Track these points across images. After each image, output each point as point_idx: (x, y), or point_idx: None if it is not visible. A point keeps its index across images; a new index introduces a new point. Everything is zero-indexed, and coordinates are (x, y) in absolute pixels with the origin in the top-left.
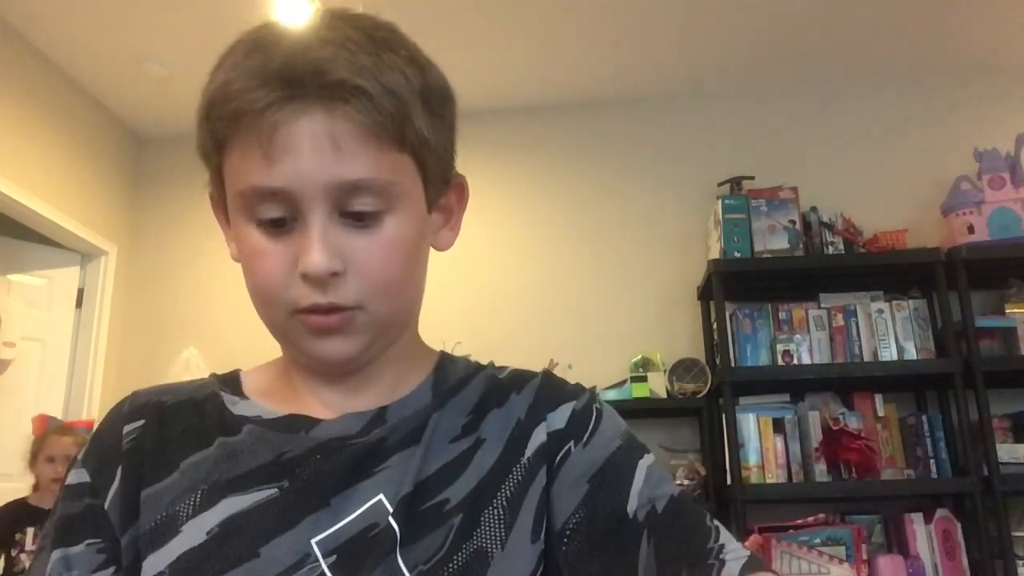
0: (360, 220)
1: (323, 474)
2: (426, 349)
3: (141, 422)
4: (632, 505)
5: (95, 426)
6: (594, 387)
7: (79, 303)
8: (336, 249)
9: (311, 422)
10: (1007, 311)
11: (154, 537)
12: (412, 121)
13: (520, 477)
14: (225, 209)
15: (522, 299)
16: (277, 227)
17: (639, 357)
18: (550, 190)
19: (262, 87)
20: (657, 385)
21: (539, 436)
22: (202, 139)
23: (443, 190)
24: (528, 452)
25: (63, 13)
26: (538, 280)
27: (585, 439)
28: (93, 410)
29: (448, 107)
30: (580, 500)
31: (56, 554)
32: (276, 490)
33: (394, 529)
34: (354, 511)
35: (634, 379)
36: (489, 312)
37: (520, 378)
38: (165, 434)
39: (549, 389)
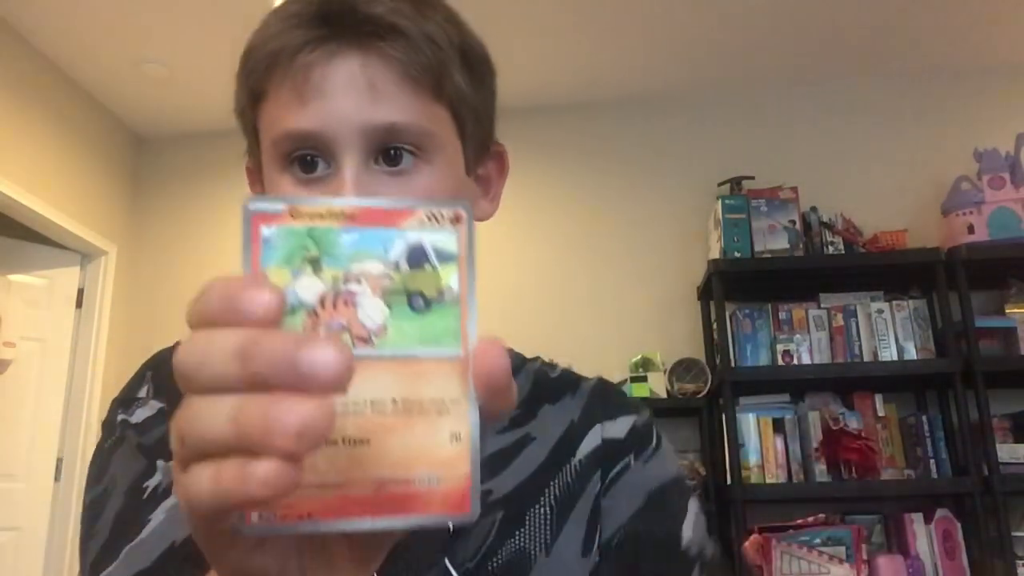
0: (395, 168)
1: None
2: None
3: None
4: (687, 534)
5: (143, 370)
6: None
7: (79, 303)
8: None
9: None
10: (1007, 311)
11: None
12: (450, 73)
13: (570, 479)
14: (262, 180)
15: (522, 299)
16: (309, 174)
17: (639, 357)
18: (549, 190)
19: (297, 28)
20: (657, 385)
21: (593, 439)
22: (239, 97)
23: (482, 157)
24: (580, 454)
25: (63, 13)
26: (537, 280)
27: (646, 457)
28: (93, 410)
29: (488, 72)
30: (635, 511)
31: (163, 465)
32: None
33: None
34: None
35: (634, 379)
36: (489, 312)
37: (574, 379)
38: None
39: (606, 395)
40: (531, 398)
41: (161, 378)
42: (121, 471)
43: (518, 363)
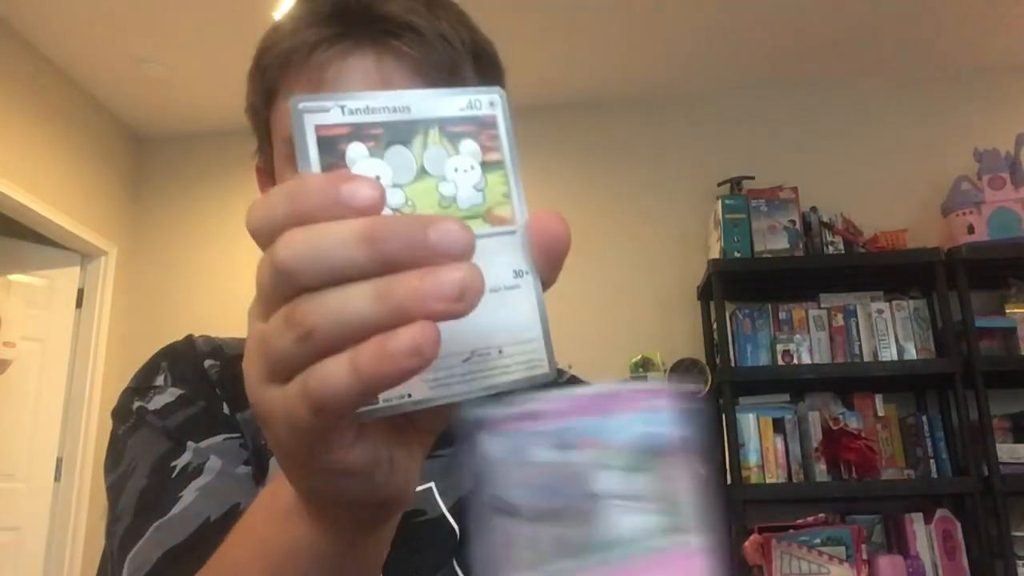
0: None
1: None
2: None
3: (217, 362)
4: None
5: (156, 360)
6: None
7: (79, 303)
8: None
9: None
10: (1007, 311)
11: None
12: (462, 72)
13: None
14: (273, 181)
15: None
16: None
17: (639, 357)
18: (549, 190)
19: (312, 26)
20: None
21: None
22: (251, 95)
23: None
24: None
25: (63, 13)
26: None
27: None
28: (93, 410)
29: (498, 72)
30: None
31: (192, 445)
32: None
33: (453, 527)
34: None
35: (634, 379)
36: None
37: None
38: (235, 380)
39: None
40: None
41: (178, 367)
42: (141, 453)
43: None
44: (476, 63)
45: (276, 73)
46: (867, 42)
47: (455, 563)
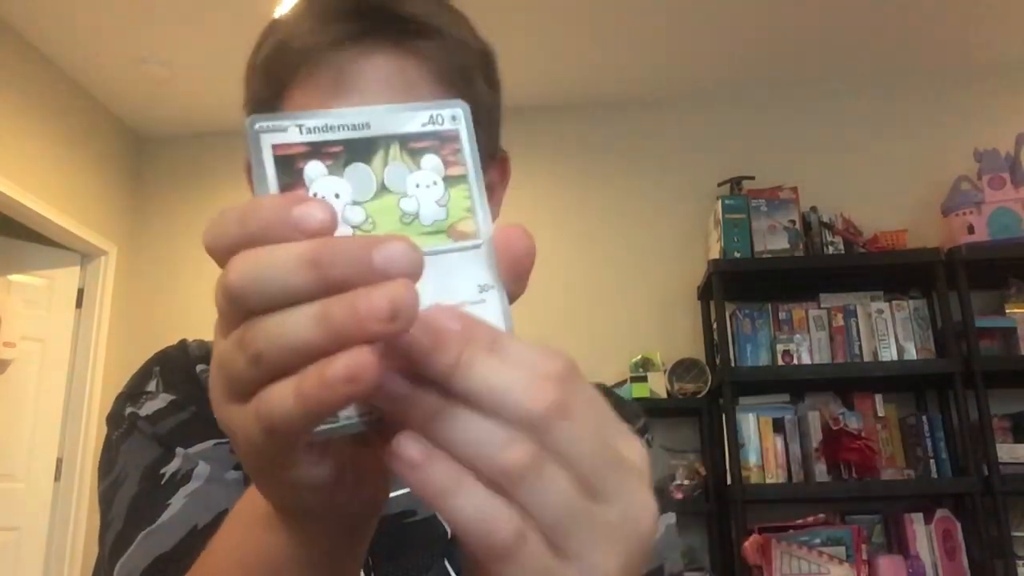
0: None
1: None
2: None
3: (209, 366)
4: None
5: (149, 366)
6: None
7: (79, 303)
8: None
9: None
10: (1007, 311)
11: None
12: (475, 80)
13: None
14: None
15: (521, 299)
16: None
17: (639, 357)
18: (550, 190)
19: (331, 23)
20: (657, 385)
21: None
22: (256, 89)
23: (489, 164)
24: None
25: (63, 13)
26: (537, 280)
27: None
28: (93, 410)
29: (499, 81)
30: None
31: (181, 451)
32: None
33: (444, 527)
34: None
35: (634, 379)
36: None
37: None
38: None
39: None
40: None
41: (170, 372)
42: (133, 460)
43: None
44: (486, 70)
45: (291, 70)
46: (867, 42)
47: (447, 563)
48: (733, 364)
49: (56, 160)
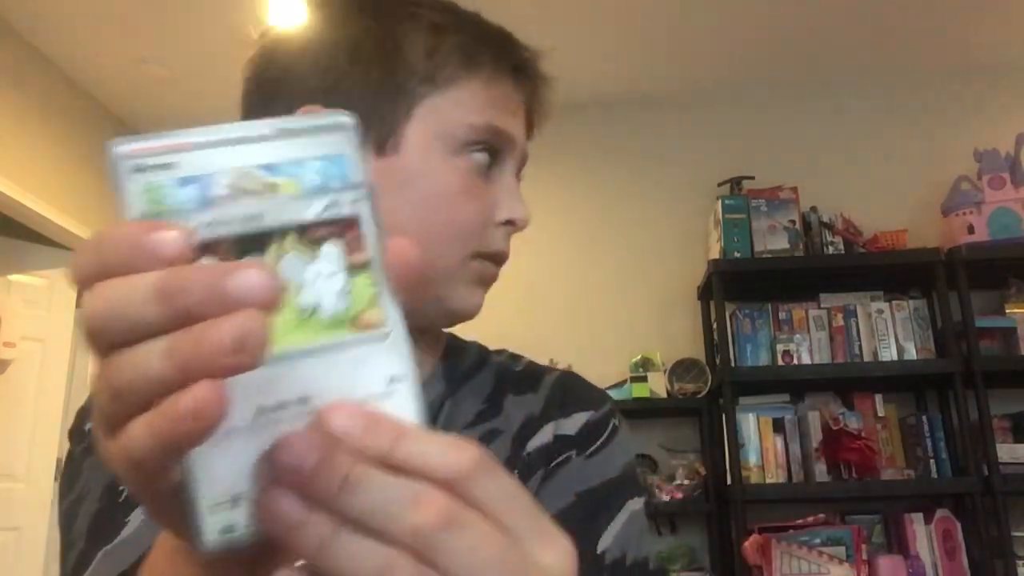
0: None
1: None
2: (437, 331)
3: None
4: (605, 543)
5: None
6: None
7: (79, 303)
8: None
9: None
10: (1007, 311)
11: None
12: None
13: (518, 473)
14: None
15: (521, 299)
16: (481, 172)
17: (639, 357)
18: (550, 190)
19: (490, 38)
20: (657, 385)
21: (544, 436)
22: (418, 51)
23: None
24: (530, 447)
25: (63, 13)
26: (537, 280)
27: (590, 452)
28: None
29: None
30: (560, 509)
31: None
32: None
33: None
34: None
35: (634, 379)
36: (488, 311)
37: (538, 372)
38: None
39: (566, 390)
40: (496, 392)
41: None
42: (94, 477)
43: (483, 357)
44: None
45: (470, 63)
46: (867, 42)
47: None
48: (733, 364)
49: (56, 160)
